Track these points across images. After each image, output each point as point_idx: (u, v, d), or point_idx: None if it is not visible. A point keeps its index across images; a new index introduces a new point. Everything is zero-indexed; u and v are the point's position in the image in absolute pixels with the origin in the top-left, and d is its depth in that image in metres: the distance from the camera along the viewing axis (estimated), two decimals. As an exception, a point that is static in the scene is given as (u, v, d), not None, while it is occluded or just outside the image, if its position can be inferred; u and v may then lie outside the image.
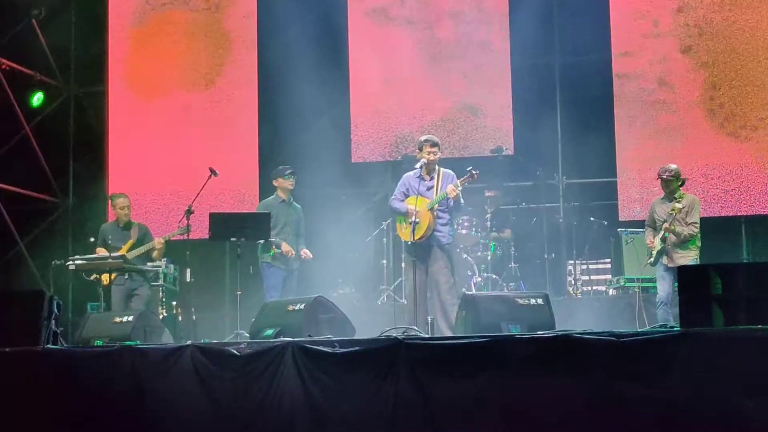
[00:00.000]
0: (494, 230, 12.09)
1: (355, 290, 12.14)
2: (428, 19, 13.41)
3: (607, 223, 12.40)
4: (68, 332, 11.36)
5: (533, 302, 7.79)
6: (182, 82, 13.82)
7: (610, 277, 12.06)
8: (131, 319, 8.46)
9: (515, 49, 13.13)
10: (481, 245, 11.90)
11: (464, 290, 10.50)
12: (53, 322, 7.97)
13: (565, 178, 13.20)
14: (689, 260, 9.78)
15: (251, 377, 7.34)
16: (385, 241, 12.35)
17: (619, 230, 11.88)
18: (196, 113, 13.74)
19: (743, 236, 12.76)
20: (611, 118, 12.78)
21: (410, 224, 9.28)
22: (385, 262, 12.25)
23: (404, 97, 13.36)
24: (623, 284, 11.48)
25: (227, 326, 12.55)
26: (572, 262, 12.33)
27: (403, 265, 9.93)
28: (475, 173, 9.37)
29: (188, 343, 7.76)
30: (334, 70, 13.73)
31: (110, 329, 8.41)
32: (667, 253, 9.92)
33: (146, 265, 11.08)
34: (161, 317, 10.99)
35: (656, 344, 6.74)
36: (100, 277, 10.65)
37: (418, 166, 9.60)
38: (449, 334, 8.86)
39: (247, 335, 8.90)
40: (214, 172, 10.56)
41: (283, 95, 13.79)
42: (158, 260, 11.26)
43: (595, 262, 12.40)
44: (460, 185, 9.39)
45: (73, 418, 7.65)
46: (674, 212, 9.80)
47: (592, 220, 12.51)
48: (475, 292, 10.95)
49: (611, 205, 12.94)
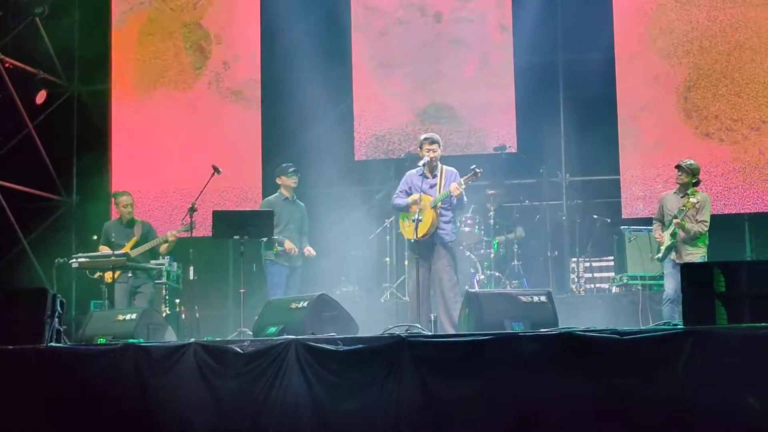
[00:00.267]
0: (504, 231, 12.07)
1: (358, 288, 12.13)
2: (431, 17, 13.40)
3: (610, 220, 12.39)
4: (71, 330, 11.38)
5: (536, 300, 7.79)
6: (185, 80, 13.82)
7: (613, 274, 12.05)
8: (134, 316, 8.46)
9: (518, 47, 13.13)
10: (484, 243, 11.90)
11: (467, 288, 10.51)
12: (56, 320, 7.97)
13: (568, 175, 13.20)
14: (697, 257, 9.74)
15: (254, 375, 7.34)
16: (388, 238, 12.35)
17: (622, 228, 11.87)
18: (199, 111, 13.74)
19: (747, 234, 12.76)
20: (614, 115, 12.77)
21: (413, 222, 9.27)
22: (388, 259, 12.25)
23: (407, 94, 13.35)
24: (626, 282, 11.47)
25: (230, 324, 12.55)
26: (575, 259, 12.33)
27: (406, 262, 9.94)
28: (479, 171, 9.36)
29: (191, 340, 7.76)
30: (336, 67, 13.74)
31: (113, 327, 8.41)
32: (676, 249, 9.87)
33: (150, 262, 11.10)
34: (164, 315, 10.98)
35: (659, 342, 6.74)
36: (103, 274, 10.66)
37: (420, 164, 9.62)
38: (452, 331, 8.86)
39: (250, 333, 8.89)
40: (217, 169, 10.56)
41: (286, 93, 13.79)
42: (165, 254, 11.27)
43: (598, 259, 12.38)
44: (463, 183, 9.39)
45: (76, 415, 7.65)
46: (686, 207, 9.72)
47: (595, 217, 12.50)
48: (478, 289, 10.95)
49: (614, 202, 12.94)
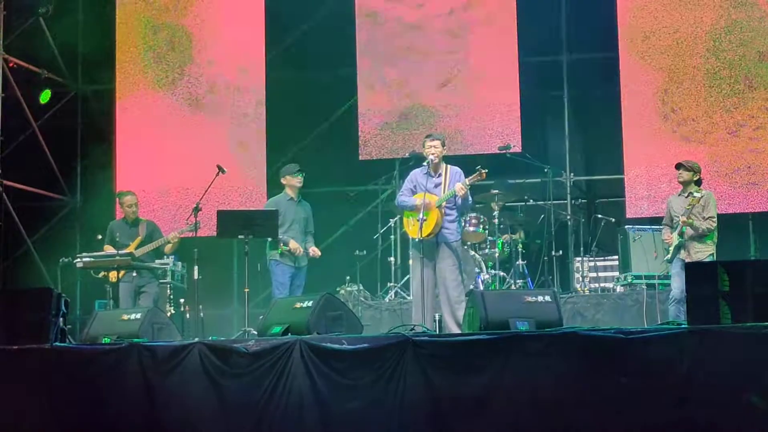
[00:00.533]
0: (509, 231, 12.07)
1: (362, 287, 12.12)
2: (435, 16, 13.39)
3: (614, 220, 12.38)
4: (76, 330, 11.38)
5: (541, 299, 7.78)
6: (190, 79, 13.82)
7: (617, 274, 12.03)
8: (139, 316, 8.45)
9: (523, 46, 13.11)
10: (488, 242, 11.89)
11: (472, 287, 10.50)
12: (61, 319, 7.99)
13: (572, 175, 13.18)
14: (706, 255, 9.70)
15: (259, 374, 7.35)
16: (392, 238, 12.34)
17: (626, 227, 11.85)
18: (204, 110, 13.74)
19: (751, 233, 12.74)
20: (619, 115, 12.74)
21: (418, 221, 9.27)
22: (392, 259, 12.24)
23: (411, 94, 13.34)
24: (631, 281, 11.46)
25: (235, 324, 12.55)
26: (580, 259, 12.31)
27: (410, 262, 9.92)
28: (484, 171, 9.34)
29: (196, 340, 7.78)
30: (341, 66, 13.74)
31: (118, 327, 8.40)
32: (684, 247, 9.85)
33: (154, 262, 11.10)
34: (169, 314, 10.98)
35: (664, 341, 6.75)
36: (107, 274, 10.67)
37: (425, 163, 9.63)
38: (457, 331, 8.85)
39: (254, 332, 8.90)
40: (222, 169, 10.56)
41: (291, 92, 13.79)
42: (170, 255, 11.28)
43: (602, 259, 12.36)
44: (468, 183, 9.39)
45: (81, 415, 7.67)
46: (691, 205, 9.71)
47: (599, 217, 12.49)
48: (482, 289, 10.94)
49: (619, 202, 12.93)
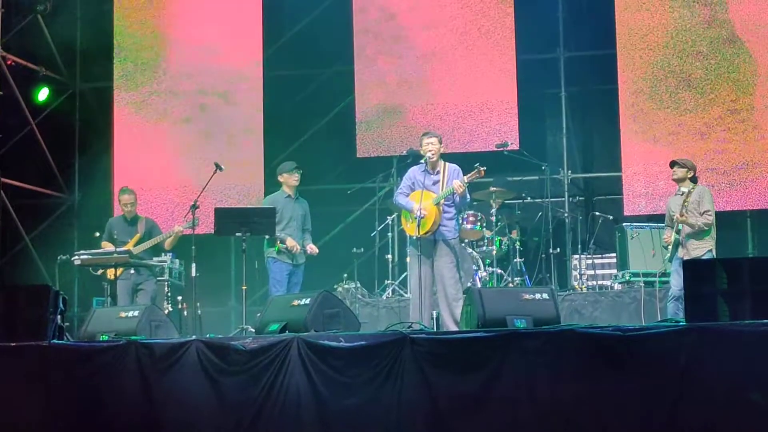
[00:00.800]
0: (507, 231, 12.07)
1: (360, 285, 12.13)
2: (433, 13, 13.39)
3: (612, 217, 12.38)
4: (74, 327, 11.40)
5: (538, 297, 7.78)
6: (187, 76, 13.81)
7: (615, 271, 12.04)
8: (137, 314, 8.45)
9: (520, 43, 13.11)
10: (486, 240, 11.89)
11: (469, 285, 10.50)
12: (59, 317, 7.98)
13: (570, 172, 13.19)
14: (705, 251, 9.69)
15: (257, 372, 7.35)
16: (390, 235, 12.34)
17: (624, 224, 11.86)
18: (201, 108, 13.73)
19: (749, 231, 12.75)
20: (616, 112, 12.75)
21: (416, 219, 9.28)
22: (390, 256, 12.24)
23: (409, 91, 13.35)
24: (628, 279, 11.46)
25: (232, 321, 12.57)
26: (577, 256, 12.32)
27: (408, 259, 9.92)
28: (482, 169, 9.34)
29: (193, 337, 7.78)
30: (339, 63, 13.74)
31: (116, 324, 8.40)
32: (682, 244, 9.86)
33: (152, 259, 11.10)
34: (167, 312, 10.98)
35: (662, 339, 6.75)
36: (105, 271, 10.67)
37: (423, 161, 9.62)
38: (454, 328, 8.86)
39: (252, 330, 8.90)
40: (219, 167, 10.55)
41: (288, 89, 13.79)
42: (169, 250, 11.28)
43: (600, 256, 12.36)
44: (466, 181, 9.39)
45: (78, 412, 7.67)
46: (686, 203, 9.72)
47: (597, 214, 12.49)
48: (480, 286, 10.94)
49: (616, 199, 12.94)
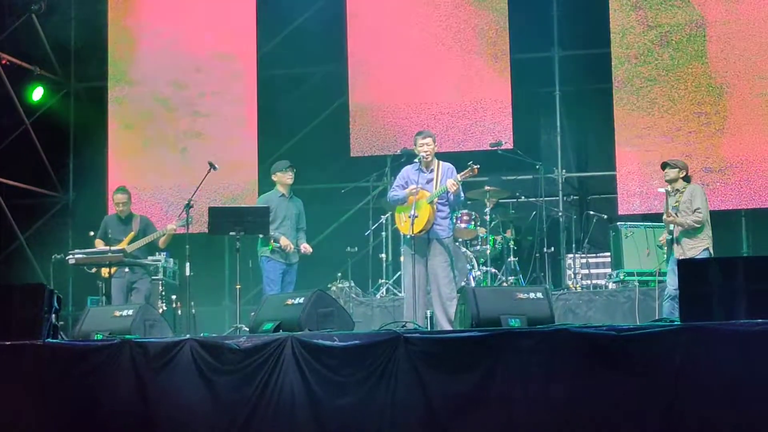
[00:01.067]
0: (500, 230, 12.08)
1: (354, 284, 12.12)
2: (427, 12, 13.38)
3: (606, 216, 12.39)
4: (68, 326, 11.38)
5: (533, 296, 7.78)
6: (182, 75, 13.80)
7: (609, 270, 12.05)
8: (131, 313, 8.45)
9: (514, 42, 13.11)
10: (480, 239, 11.90)
11: (463, 284, 10.50)
12: (53, 315, 7.98)
13: (564, 171, 13.18)
14: (700, 250, 9.69)
15: (251, 371, 7.35)
16: (384, 234, 12.34)
17: (618, 224, 11.86)
18: (195, 107, 13.74)
19: (743, 230, 12.77)
20: (611, 111, 12.76)
21: (410, 218, 9.27)
22: (383, 255, 12.24)
23: (403, 90, 13.34)
24: (623, 278, 11.47)
25: (226, 320, 12.56)
26: (571, 255, 12.33)
27: (402, 259, 9.92)
28: (476, 167, 9.34)
29: (188, 337, 7.78)
30: (332, 63, 13.74)
31: (110, 323, 8.40)
32: (677, 243, 9.87)
33: (147, 258, 11.09)
34: (161, 311, 10.98)
35: (656, 338, 6.75)
36: (99, 270, 10.67)
37: (416, 160, 9.62)
38: (448, 328, 8.86)
39: (246, 329, 8.90)
40: (213, 166, 10.54)
41: (282, 89, 13.78)
42: (163, 248, 11.28)
43: (594, 255, 12.37)
44: (460, 179, 9.39)
45: (73, 411, 7.67)
46: (678, 203, 9.74)
47: (591, 213, 12.51)
48: (474, 286, 10.94)
49: (610, 198, 12.95)
